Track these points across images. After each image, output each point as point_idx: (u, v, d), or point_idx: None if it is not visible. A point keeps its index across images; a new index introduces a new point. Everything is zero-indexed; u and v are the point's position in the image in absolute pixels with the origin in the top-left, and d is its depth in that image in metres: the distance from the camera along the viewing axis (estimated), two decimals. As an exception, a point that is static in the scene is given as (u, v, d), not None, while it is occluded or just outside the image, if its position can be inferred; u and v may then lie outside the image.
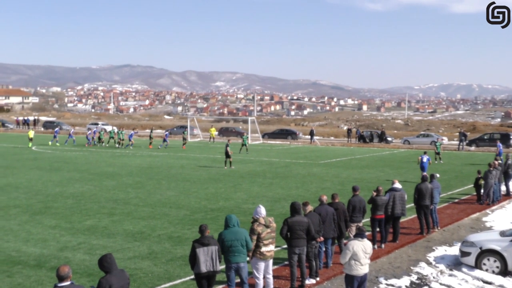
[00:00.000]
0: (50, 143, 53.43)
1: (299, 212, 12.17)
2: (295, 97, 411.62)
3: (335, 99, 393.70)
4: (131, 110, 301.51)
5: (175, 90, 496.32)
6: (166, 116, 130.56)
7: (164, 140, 50.94)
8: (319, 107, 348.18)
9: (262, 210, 11.55)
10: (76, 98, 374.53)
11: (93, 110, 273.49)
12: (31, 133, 51.42)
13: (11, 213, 19.98)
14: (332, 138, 69.92)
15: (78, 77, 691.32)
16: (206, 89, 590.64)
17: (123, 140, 51.41)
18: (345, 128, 77.48)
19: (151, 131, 53.87)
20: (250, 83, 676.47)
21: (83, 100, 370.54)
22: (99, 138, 53.28)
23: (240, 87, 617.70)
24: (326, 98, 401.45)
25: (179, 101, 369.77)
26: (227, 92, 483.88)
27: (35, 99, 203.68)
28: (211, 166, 35.50)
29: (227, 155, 34.87)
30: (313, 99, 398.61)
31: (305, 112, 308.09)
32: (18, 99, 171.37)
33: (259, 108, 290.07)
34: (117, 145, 51.58)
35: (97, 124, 79.37)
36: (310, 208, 12.89)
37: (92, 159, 39.85)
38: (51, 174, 31.18)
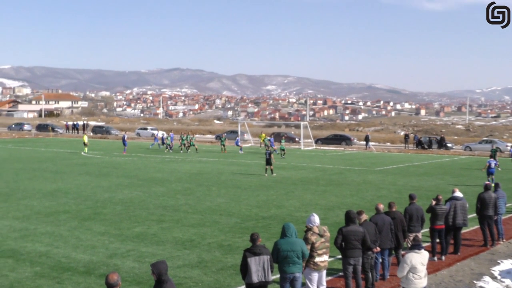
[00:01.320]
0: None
1: (354, 221, 11.83)
2: (349, 101, 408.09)
3: (391, 103, 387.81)
4: (180, 114, 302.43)
5: (225, 94, 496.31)
6: (216, 121, 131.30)
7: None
8: (374, 112, 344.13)
9: (316, 219, 11.28)
10: (125, 103, 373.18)
11: (142, 115, 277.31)
12: (85, 138, 50.87)
13: (60, 219, 20.05)
14: (388, 144, 68.97)
15: (127, 81, 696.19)
16: (257, 93, 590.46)
17: (190, 145, 51.50)
18: (402, 133, 76.34)
19: (223, 137, 54.05)
20: (302, 86, 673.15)
21: (132, 105, 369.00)
22: (165, 144, 53.25)
23: (292, 91, 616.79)
24: (381, 102, 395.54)
25: (229, 106, 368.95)
26: (279, 96, 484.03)
27: (84, 104, 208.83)
28: (261, 173, 35.03)
29: (268, 162, 34.08)
30: (368, 103, 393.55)
31: (360, 117, 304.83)
32: (68, 103, 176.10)
33: (311, 112, 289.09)
34: (182, 151, 51.33)
35: (146, 129, 79.97)
36: (365, 217, 12.55)
37: (140, 164, 40.03)
38: (100, 179, 31.34)
